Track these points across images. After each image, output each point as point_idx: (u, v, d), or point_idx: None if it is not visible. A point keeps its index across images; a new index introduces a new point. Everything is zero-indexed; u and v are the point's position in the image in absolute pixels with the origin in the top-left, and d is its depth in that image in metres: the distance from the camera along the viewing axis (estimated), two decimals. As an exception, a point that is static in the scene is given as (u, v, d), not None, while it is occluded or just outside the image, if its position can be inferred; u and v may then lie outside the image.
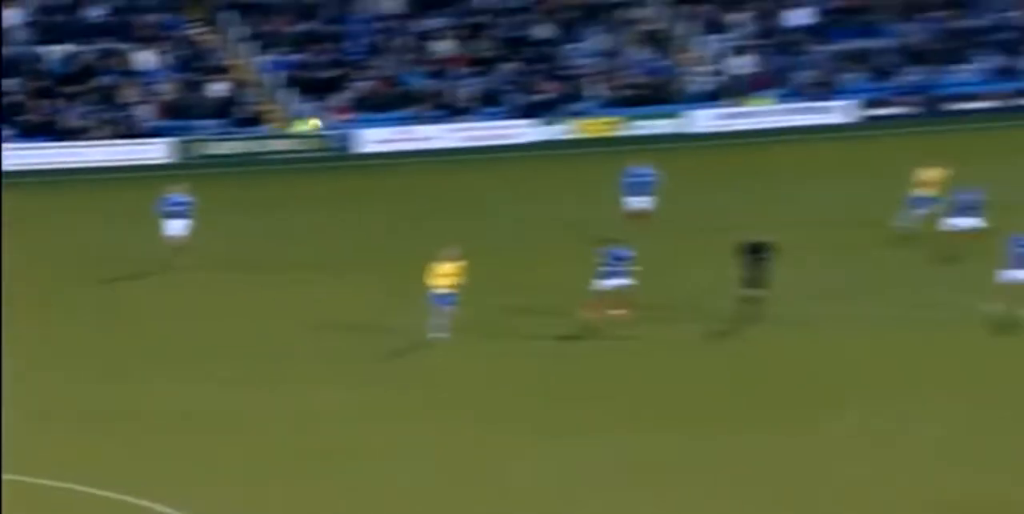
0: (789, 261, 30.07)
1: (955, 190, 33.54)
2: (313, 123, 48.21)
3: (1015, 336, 28.34)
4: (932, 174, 34.47)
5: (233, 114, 50.02)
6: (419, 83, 51.64)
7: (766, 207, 38.14)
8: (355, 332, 29.19)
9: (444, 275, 28.00)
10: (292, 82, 51.01)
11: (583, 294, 28.87)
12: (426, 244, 33.38)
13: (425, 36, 53.16)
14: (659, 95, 51.92)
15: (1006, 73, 53.84)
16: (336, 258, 35.26)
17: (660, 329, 28.69)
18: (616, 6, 54.98)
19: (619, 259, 28.87)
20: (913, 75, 53.37)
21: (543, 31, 53.92)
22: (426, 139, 49.35)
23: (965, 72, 53.89)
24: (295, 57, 51.95)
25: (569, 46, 53.40)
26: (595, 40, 53.74)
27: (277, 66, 51.54)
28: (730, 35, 54.46)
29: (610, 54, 53.31)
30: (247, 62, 52.01)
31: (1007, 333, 28.42)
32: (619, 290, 28.69)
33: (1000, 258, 28.85)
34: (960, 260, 32.37)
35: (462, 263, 28.18)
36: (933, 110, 52.13)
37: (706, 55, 53.78)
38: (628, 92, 51.99)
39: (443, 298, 27.98)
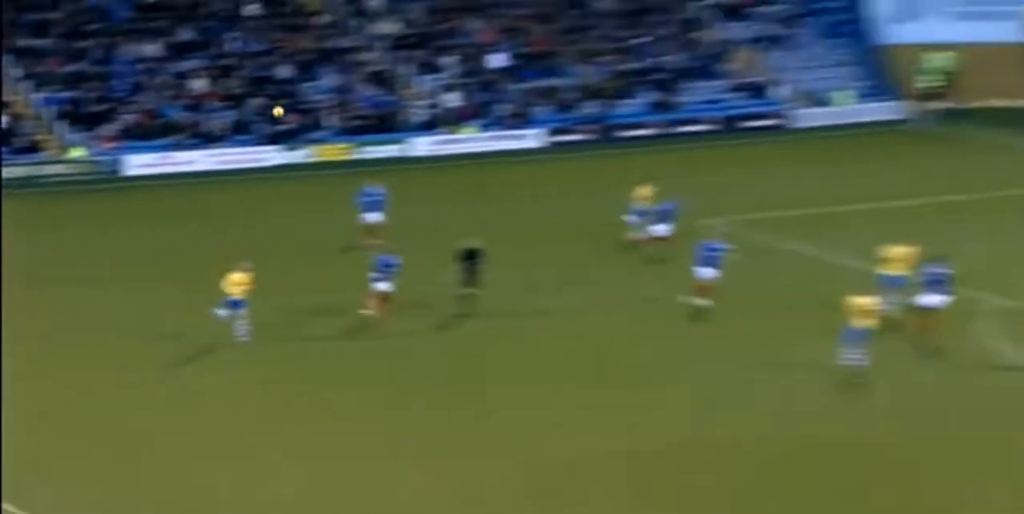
0: (499, 264, 30.49)
1: (659, 202, 34.50)
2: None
3: (704, 323, 29.06)
4: (646, 190, 35.34)
5: (13, 143, 48.83)
6: (178, 115, 51.28)
7: (477, 218, 38.58)
8: (144, 339, 28.14)
9: (236, 283, 27.59)
10: (65, 115, 50.09)
11: (352, 294, 28.48)
12: (197, 255, 33.02)
13: (182, 75, 52.82)
14: (385, 125, 52.47)
15: (662, 106, 55.86)
16: (115, 272, 34.24)
17: (394, 323, 28.74)
18: (346, 50, 55.43)
19: (388, 266, 28.45)
20: (590, 108, 54.92)
21: (284, 71, 54.10)
22: (186, 163, 48.99)
23: (631, 106, 55.63)
24: (67, 94, 50.98)
25: (307, 84, 53.65)
26: (329, 79, 54.12)
27: (50, 102, 50.51)
28: (442, 75, 55.44)
29: (342, 90, 53.73)
30: (24, 98, 50.85)
31: (698, 320, 29.13)
32: (385, 293, 28.49)
33: (691, 259, 29.73)
34: (659, 261, 32.98)
35: (251, 273, 27.78)
36: (607, 137, 53.67)
37: (423, 91, 54.63)
38: (358, 122, 52.45)
39: (236, 303, 27.61)
